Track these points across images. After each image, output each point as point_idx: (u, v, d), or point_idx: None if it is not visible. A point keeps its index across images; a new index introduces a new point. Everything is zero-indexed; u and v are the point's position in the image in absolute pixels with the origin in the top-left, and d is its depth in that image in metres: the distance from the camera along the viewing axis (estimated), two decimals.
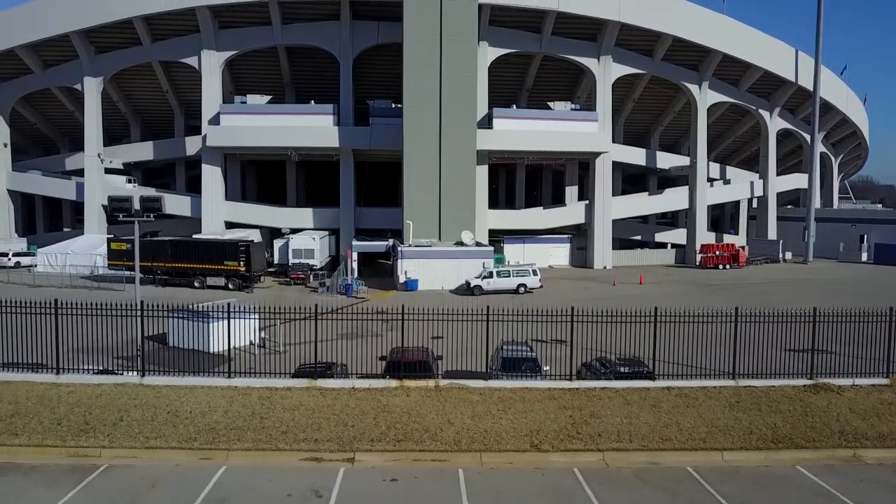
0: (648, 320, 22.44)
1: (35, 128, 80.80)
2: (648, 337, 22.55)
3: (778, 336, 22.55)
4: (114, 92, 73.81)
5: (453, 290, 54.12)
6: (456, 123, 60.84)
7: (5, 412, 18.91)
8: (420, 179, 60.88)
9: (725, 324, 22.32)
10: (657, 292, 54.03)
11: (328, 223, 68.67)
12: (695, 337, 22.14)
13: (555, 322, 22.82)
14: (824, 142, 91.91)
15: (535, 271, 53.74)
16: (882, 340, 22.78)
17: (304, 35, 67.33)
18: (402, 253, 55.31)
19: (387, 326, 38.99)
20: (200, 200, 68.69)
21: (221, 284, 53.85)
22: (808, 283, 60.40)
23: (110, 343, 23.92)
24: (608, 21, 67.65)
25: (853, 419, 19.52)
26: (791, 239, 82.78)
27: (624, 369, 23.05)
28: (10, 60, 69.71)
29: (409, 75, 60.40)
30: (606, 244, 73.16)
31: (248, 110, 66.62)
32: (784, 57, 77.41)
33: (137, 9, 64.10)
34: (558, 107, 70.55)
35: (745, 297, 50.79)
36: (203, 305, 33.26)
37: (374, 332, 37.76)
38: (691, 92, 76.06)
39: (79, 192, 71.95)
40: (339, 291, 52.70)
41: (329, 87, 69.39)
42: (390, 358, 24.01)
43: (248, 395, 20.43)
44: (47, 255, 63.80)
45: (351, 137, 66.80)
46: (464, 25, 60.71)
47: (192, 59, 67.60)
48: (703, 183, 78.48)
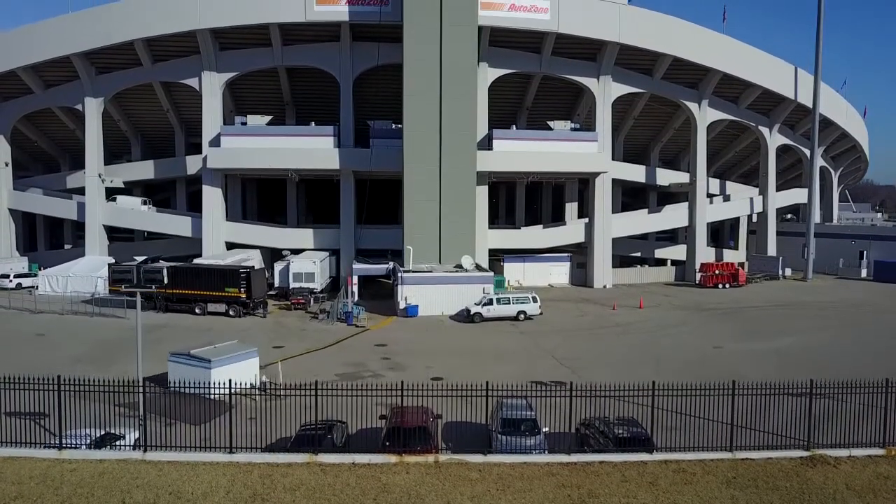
0: (646, 393, 22.62)
1: (36, 145, 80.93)
2: (647, 406, 22.75)
3: (774, 407, 22.75)
4: (114, 111, 73.99)
5: (453, 317, 54.21)
6: (456, 148, 60.96)
7: (9, 493, 19.08)
8: (420, 204, 61.04)
9: (723, 396, 22.45)
10: (657, 319, 54.11)
11: (329, 243, 68.85)
12: (693, 407, 22.34)
13: (557, 398, 22.97)
14: (824, 156, 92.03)
15: (535, 298, 53.81)
16: (878, 410, 22.96)
17: (304, 56, 67.45)
18: (403, 279, 55.43)
19: (387, 364, 39.56)
20: (201, 221, 68.82)
21: (222, 311, 53.93)
22: (807, 307, 60.37)
23: (111, 417, 24.16)
24: (608, 42, 67.75)
25: (850, 497, 19.67)
26: (791, 253, 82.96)
27: (621, 431, 23.13)
28: (12, 81, 69.90)
29: (409, 103, 60.59)
30: (606, 263, 73.33)
31: (249, 132, 66.71)
32: (783, 75, 77.50)
33: (139, 31, 64.23)
34: (558, 126, 70.67)
35: (742, 326, 51.04)
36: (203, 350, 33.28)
37: (374, 371, 38.20)
38: (691, 110, 76.18)
39: (80, 212, 72.09)
40: (339, 318, 52.81)
41: (329, 105, 69.54)
42: (390, 421, 24.08)
43: (249, 472, 20.58)
44: (48, 277, 63.93)
45: (351, 159, 66.95)
46: (463, 48, 60.84)
47: (193, 81, 67.72)
48: (702, 200, 78.67)
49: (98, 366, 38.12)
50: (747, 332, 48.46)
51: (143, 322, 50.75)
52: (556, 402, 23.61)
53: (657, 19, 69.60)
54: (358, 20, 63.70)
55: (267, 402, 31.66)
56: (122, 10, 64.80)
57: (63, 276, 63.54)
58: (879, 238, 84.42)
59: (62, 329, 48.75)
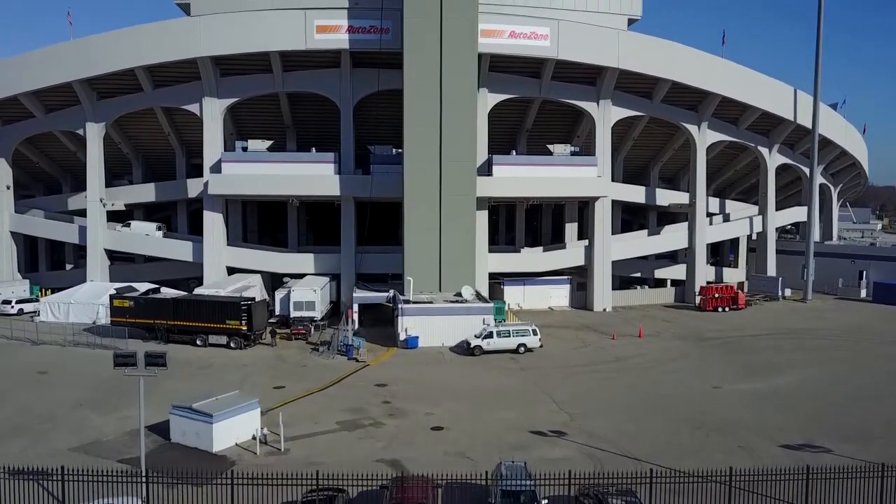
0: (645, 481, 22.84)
1: (37, 166, 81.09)
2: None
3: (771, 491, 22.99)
4: (115, 134, 74.18)
5: (453, 348, 54.39)
6: (456, 178, 61.25)
7: None
8: (420, 234, 61.35)
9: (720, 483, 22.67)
10: (656, 352, 54.22)
11: (330, 268, 69.02)
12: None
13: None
14: (824, 173, 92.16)
15: (535, 331, 53.95)
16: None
17: (305, 83, 67.65)
18: (403, 310, 55.63)
19: (388, 410, 39.75)
20: (202, 245, 69.03)
21: (223, 343, 54.18)
22: (806, 336, 60.45)
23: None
24: (607, 67, 67.91)
25: None
26: (790, 272, 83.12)
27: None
28: (13, 105, 70.18)
29: (409, 134, 60.94)
30: (606, 286, 73.56)
31: (250, 158, 66.90)
32: (783, 96, 77.65)
33: (140, 59, 64.43)
34: (558, 150, 70.85)
35: (741, 360, 51.15)
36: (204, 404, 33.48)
37: (374, 418, 38.41)
38: (690, 132, 76.35)
39: (81, 236, 72.30)
40: (339, 350, 53.02)
41: (330, 128, 69.75)
42: (391, 494, 24.26)
43: None
44: (50, 304, 64.23)
45: (352, 186, 67.15)
46: (464, 78, 61.04)
47: (194, 106, 67.93)
48: (702, 222, 78.86)
49: (100, 411, 38.49)
50: (746, 369, 48.57)
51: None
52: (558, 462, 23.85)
53: (656, 45, 69.77)
54: (358, 48, 63.93)
55: (268, 457, 32.06)
56: (123, 38, 64.98)
57: (64, 304, 63.84)
58: (879, 258, 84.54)
59: (63, 365, 48.91)
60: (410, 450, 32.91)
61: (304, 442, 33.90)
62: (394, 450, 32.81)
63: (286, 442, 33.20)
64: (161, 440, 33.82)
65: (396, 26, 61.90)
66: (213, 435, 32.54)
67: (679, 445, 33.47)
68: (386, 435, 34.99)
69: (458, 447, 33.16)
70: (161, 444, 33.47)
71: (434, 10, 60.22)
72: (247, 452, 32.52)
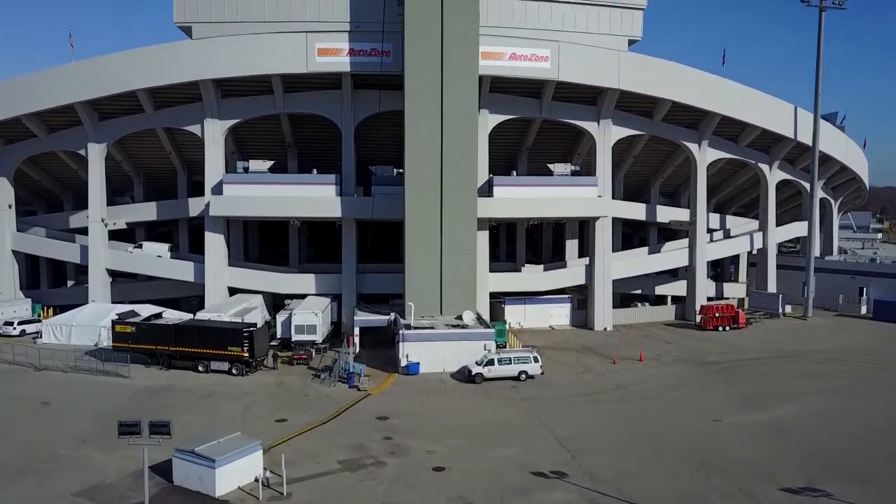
0: None
1: (39, 183, 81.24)
2: None
3: None
4: (117, 153, 74.31)
5: (454, 375, 54.46)
6: (457, 202, 61.44)
7: None
8: (421, 258, 61.50)
9: None
10: (656, 380, 54.23)
11: (330, 288, 69.10)
12: None
13: None
14: (824, 187, 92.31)
15: (537, 358, 54.03)
16: None
17: (306, 104, 67.79)
18: (404, 336, 55.74)
19: (389, 447, 39.91)
20: (203, 266, 69.17)
21: (225, 369, 54.33)
22: (806, 360, 60.63)
23: None
24: (608, 88, 68.01)
25: None
26: (791, 287, 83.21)
27: None
28: (15, 126, 70.37)
29: (410, 157, 61.12)
30: (607, 305, 73.70)
31: (251, 180, 67.05)
32: (783, 114, 77.77)
33: (141, 81, 64.53)
34: (558, 169, 70.94)
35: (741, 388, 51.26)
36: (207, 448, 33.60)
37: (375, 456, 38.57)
38: (691, 150, 76.49)
39: (83, 256, 72.42)
40: (340, 377, 53.12)
41: (331, 149, 69.94)
42: None
43: None
44: (52, 326, 64.43)
45: (353, 208, 67.26)
46: (465, 102, 61.22)
47: (195, 127, 68.05)
48: (702, 239, 78.98)
49: (103, 447, 38.54)
50: (747, 399, 48.60)
51: (147, 383, 52.01)
52: None
53: (656, 65, 69.83)
54: (359, 70, 64.02)
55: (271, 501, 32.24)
56: (124, 60, 65.08)
57: (66, 326, 64.06)
58: (879, 275, 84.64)
59: (66, 395, 49.02)
60: (412, 493, 33.07)
61: (306, 484, 34.01)
62: (395, 493, 32.97)
63: (288, 485, 33.35)
64: (164, 482, 33.93)
65: (397, 49, 62.07)
66: (215, 479, 32.69)
67: (679, 487, 33.63)
68: (387, 477, 35.10)
69: (460, 490, 33.31)
70: (164, 486, 33.59)
71: (435, 33, 60.35)
72: (249, 497, 32.66)
